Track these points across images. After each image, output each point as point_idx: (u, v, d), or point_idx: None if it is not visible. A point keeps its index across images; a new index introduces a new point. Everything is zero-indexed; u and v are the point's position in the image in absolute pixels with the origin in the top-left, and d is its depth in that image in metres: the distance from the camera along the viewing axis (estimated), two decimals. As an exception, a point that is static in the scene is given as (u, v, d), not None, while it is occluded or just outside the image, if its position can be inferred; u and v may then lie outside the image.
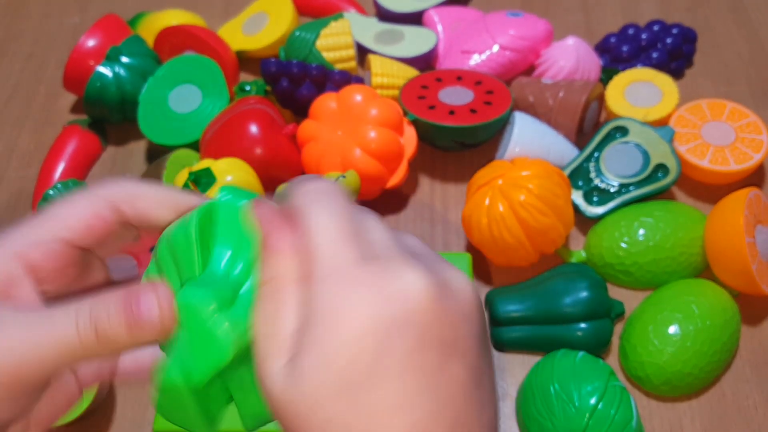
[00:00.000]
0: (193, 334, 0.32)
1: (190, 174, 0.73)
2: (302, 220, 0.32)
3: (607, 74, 0.92)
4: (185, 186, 0.72)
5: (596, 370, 0.65)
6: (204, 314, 0.32)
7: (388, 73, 0.89)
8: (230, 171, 0.73)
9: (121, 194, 0.36)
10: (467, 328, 0.31)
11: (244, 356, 0.33)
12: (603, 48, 0.97)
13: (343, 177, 0.75)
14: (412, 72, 0.91)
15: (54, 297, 0.34)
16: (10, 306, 0.32)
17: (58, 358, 0.31)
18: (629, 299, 0.76)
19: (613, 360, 0.73)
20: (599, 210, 0.79)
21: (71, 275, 0.35)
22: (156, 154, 0.91)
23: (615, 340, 0.74)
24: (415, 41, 0.96)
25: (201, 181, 0.72)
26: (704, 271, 0.77)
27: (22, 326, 0.31)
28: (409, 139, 0.83)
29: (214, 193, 0.49)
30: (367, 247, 0.31)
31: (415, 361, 0.29)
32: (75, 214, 0.35)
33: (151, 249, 0.55)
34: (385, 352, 0.29)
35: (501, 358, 0.74)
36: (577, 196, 0.80)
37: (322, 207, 0.32)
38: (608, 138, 0.82)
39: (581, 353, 0.67)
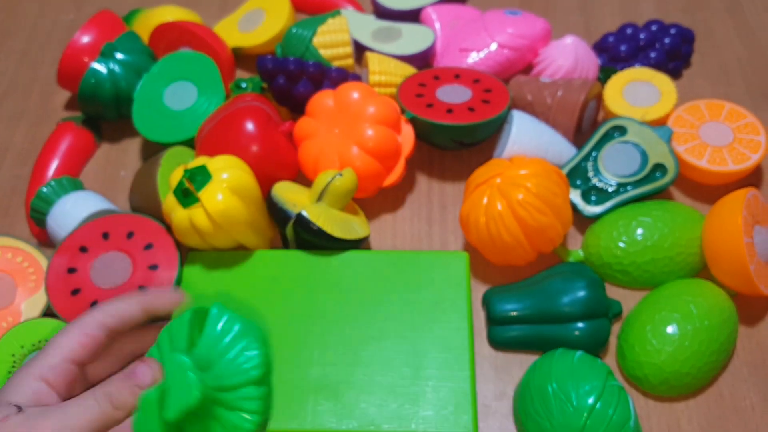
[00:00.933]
0: (172, 385, 0.46)
1: (186, 171, 0.72)
2: None
3: (605, 74, 0.92)
4: (180, 183, 0.72)
5: (594, 369, 0.65)
6: (183, 371, 0.46)
7: (386, 71, 0.89)
8: (226, 168, 0.72)
9: (105, 314, 0.52)
10: None
11: (203, 412, 0.47)
12: (601, 47, 0.97)
13: (340, 175, 0.75)
14: (409, 70, 0.91)
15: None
16: (43, 406, 0.46)
17: (89, 428, 0.45)
18: (627, 299, 0.76)
19: (610, 359, 0.73)
20: (597, 209, 0.79)
21: (80, 381, 0.51)
22: (151, 151, 0.91)
23: (612, 340, 0.74)
24: (412, 39, 0.96)
25: (196, 178, 0.72)
26: (702, 271, 0.77)
27: (58, 417, 0.44)
28: (407, 137, 0.83)
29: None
30: None
31: None
32: (72, 340, 0.50)
33: (146, 247, 0.73)
34: None
35: (498, 357, 0.74)
36: (575, 195, 0.80)
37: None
38: (606, 137, 0.82)
39: (579, 353, 0.67)
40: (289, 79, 0.86)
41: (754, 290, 0.70)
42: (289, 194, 0.77)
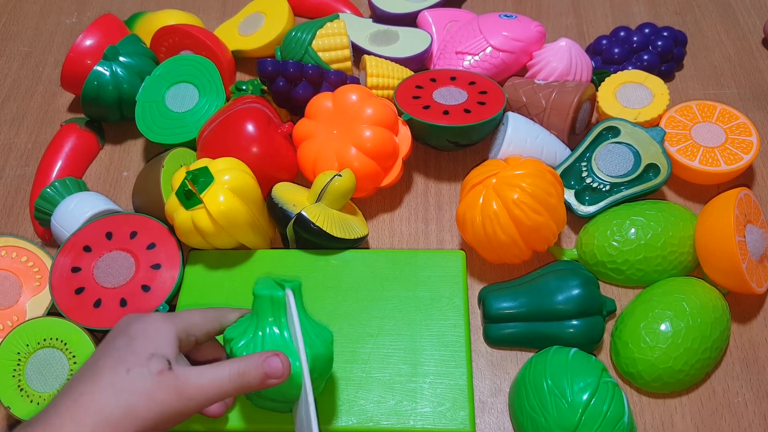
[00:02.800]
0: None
1: (188, 173, 0.73)
2: None
3: (598, 76, 0.93)
4: (182, 184, 0.73)
5: (589, 366, 0.66)
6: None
7: (383, 74, 0.89)
8: (228, 170, 0.73)
9: (220, 313, 0.61)
10: None
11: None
12: (594, 50, 0.98)
13: (339, 176, 0.76)
14: (406, 72, 0.92)
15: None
16: (187, 366, 0.54)
17: (218, 394, 0.53)
18: (621, 297, 0.77)
19: (604, 356, 0.74)
20: (591, 209, 0.80)
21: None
22: (153, 153, 0.92)
23: (606, 337, 0.74)
24: (409, 42, 0.97)
25: (199, 180, 0.72)
26: (694, 270, 0.78)
27: (199, 379, 0.53)
28: (404, 138, 0.84)
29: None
30: None
31: None
32: (196, 316, 0.59)
33: (148, 247, 0.75)
34: None
35: (494, 354, 0.74)
36: (569, 195, 0.81)
37: None
38: (600, 138, 0.83)
39: (574, 350, 0.68)
40: (288, 81, 0.86)
41: (746, 288, 0.71)
42: (289, 194, 0.78)
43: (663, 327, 0.69)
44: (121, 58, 0.89)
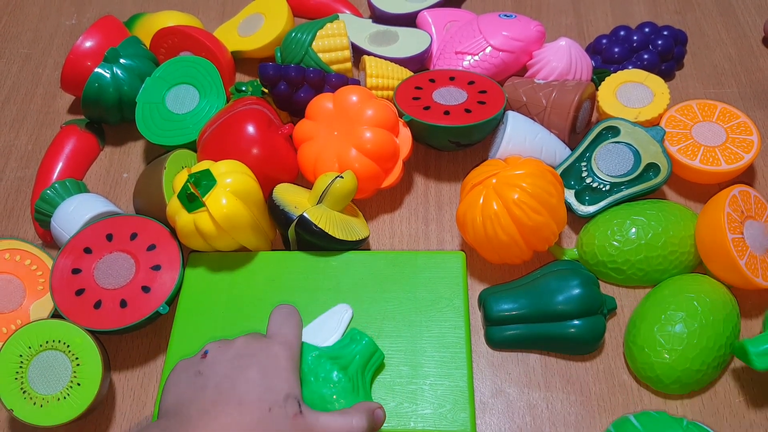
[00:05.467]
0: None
1: (190, 176, 0.73)
2: None
3: (598, 75, 0.93)
4: (184, 187, 0.73)
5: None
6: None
7: (382, 75, 0.89)
8: (230, 173, 0.73)
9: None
10: None
11: None
12: (594, 49, 0.98)
13: (341, 177, 0.76)
14: (405, 73, 0.92)
15: None
16: (313, 411, 0.56)
17: None
18: (621, 296, 0.77)
19: (617, 361, 0.73)
20: (591, 209, 0.80)
21: None
22: (153, 154, 0.92)
23: (615, 340, 0.74)
24: (409, 42, 0.97)
25: (201, 183, 0.72)
26: (695, 269, 0.78)
27: (328, 423, 0.56)
28: (405, 139, 0.84)
29: None
30: None
31: None
32: (298, 335, 0.62)
33: (149, 248, 0.74)
34: None
35: (494, 355, 0.75)
36: (570, 195, 0.81)
37: None
38: (600, 138, 0.83)
39: (686, 421, 0.64)
40: (290, 85, 0.86)
41: (750, 284, 0.71)
42: (290, 196, 0.78)
43: (677, 328, 0.69)
44: (122, 60, 0.89)
